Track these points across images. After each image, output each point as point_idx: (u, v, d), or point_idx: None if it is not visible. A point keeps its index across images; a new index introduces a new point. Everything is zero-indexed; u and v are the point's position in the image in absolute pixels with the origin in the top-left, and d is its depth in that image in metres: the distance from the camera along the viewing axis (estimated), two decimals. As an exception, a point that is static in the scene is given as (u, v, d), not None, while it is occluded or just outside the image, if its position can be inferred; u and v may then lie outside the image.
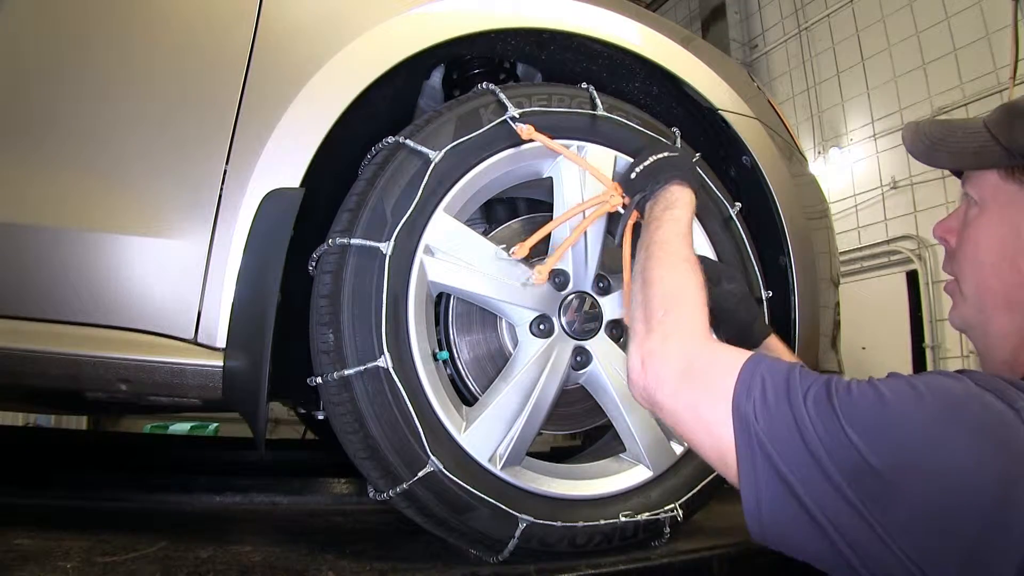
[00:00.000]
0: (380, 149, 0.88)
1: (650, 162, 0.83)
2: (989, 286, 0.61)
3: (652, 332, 0.62)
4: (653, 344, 0.61)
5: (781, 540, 0.50)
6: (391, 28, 0.87)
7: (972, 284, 0.63)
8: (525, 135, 0.89)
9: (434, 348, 0.88)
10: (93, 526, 0.93)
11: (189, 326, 0.76)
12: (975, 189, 0.63)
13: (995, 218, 0.61)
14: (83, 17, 0.81)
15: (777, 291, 1.11)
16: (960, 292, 0.65)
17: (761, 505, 0.49)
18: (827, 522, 0.46)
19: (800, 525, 0.47)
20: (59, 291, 0.75)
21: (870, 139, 4.62)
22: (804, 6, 5.19)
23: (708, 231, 1.06)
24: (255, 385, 0.76)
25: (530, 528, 0.83)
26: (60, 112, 0.78)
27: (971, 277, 0.63)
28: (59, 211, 0.76)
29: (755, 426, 0.50)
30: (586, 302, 0.95)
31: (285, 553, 0.84)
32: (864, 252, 4.49)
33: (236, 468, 1.62)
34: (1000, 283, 0.60)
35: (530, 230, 1.04)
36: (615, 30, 1.03)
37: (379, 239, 0.81)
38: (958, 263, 0.65)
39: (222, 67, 0.82)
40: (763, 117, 1.17)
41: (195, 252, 0.77)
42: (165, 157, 0.79)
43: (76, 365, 0.74)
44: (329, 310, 0.79)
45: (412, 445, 0.79)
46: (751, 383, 0.52)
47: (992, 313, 0.61)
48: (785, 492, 0.48)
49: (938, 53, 4.18)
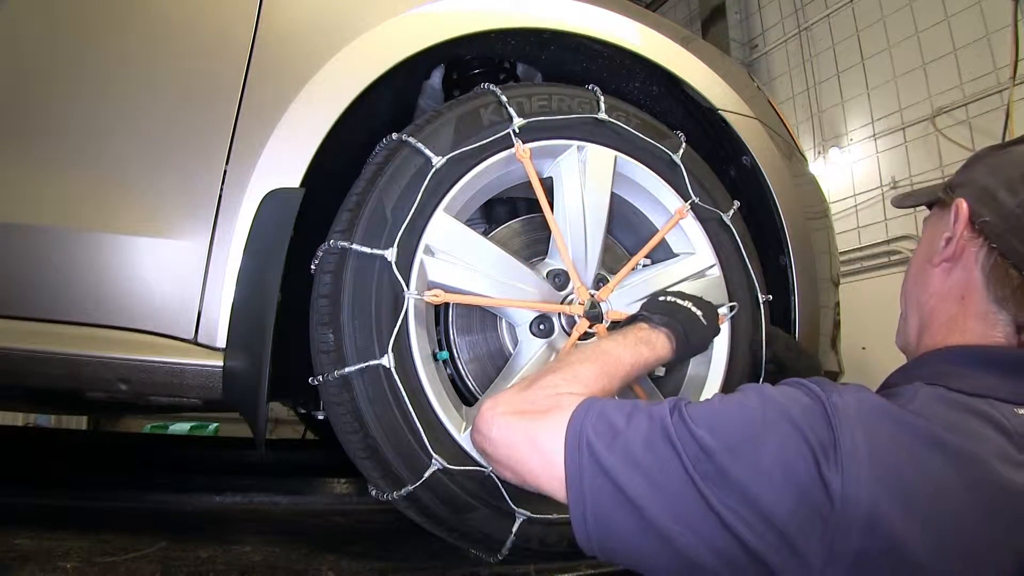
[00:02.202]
0: (381, 148, 0.88)
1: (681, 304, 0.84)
2: (909, 292, 0.73)
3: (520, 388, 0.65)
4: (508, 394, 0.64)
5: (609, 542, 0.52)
6: (391, 28, 0.87)
7: (902, 296, 0.75)
8: (519, 157, 0.91)
9: (434, 348, 0.88)
10: (93, 526, 0.93)
11: (189, 326, 0.76)
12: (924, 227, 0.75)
13: (924, 238, 0.73)
14: (83, 17, 0.81)
15: (777, 291, 1.11)
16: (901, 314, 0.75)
17: (586, 510, 0.52)
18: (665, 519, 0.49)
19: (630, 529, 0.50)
20: (59, 291, 0.75)
21: (870, 139, 4.61)
22: (804, 6, 5.19)
23: (708, 231, 1.06)
24: (255, 385, 0.76)
25: (529, 527, 0.83)
26: (60, 112, 0.78)
27: (902, 290, 0.75)
28: (59, 211, 0.76)
29: (588, 436, 0.53)
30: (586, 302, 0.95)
31: (285, 553, 0.84)
32: (864, 252, 4.49)
33: (236, 468, 1.62)
34: (915, 288, 0.71)
35: (530, 230, 1.05)
36: (615, 30, 1.03)
37: (379, 241, 0.81)
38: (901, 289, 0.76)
39: (222, 67, 0.82)
40: (763, 117, 1.17)
41: (195, 252, 0.77)
42: (165, 157, 0.79)
43: (76, 365, 0.74)
44: (329, 310, 0.79)
45: (412, 445, 0.79)
46: (590, 406, 0.56)
47: (909, 318, 0.72)
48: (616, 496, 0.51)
49: (938, 53, 4.18)
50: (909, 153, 4.33)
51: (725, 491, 0.48)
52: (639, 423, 0.53)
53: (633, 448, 0.52)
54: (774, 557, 0.46)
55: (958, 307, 0.65)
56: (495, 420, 0.61)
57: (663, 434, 0.51)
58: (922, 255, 0.72)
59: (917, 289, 0.71)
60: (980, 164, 0.69)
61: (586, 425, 0.54)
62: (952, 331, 0.65)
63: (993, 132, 3.75)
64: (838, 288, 1.32)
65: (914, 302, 0.71)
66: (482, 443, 0.63)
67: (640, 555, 0.51)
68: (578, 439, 0.54)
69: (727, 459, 0.49)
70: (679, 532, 0.48)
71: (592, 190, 0.97)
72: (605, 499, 0.51)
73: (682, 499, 0.49)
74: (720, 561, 0.47)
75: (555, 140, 0.96)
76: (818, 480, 0.46)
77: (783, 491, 0.47)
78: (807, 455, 0.47)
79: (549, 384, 0.64)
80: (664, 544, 0.49)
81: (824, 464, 0.47)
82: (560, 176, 0.97)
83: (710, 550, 0.48)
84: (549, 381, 0.65)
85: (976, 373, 0.58)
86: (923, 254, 0.72)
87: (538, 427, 0.58)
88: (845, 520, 0.45)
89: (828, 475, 0.46)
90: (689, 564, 0.48)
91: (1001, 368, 0.58)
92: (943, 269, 0.67)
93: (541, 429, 0.57)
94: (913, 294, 0.72)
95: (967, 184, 0.68)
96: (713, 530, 0.47)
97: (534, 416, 0.59)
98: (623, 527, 0.51)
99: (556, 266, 0.97)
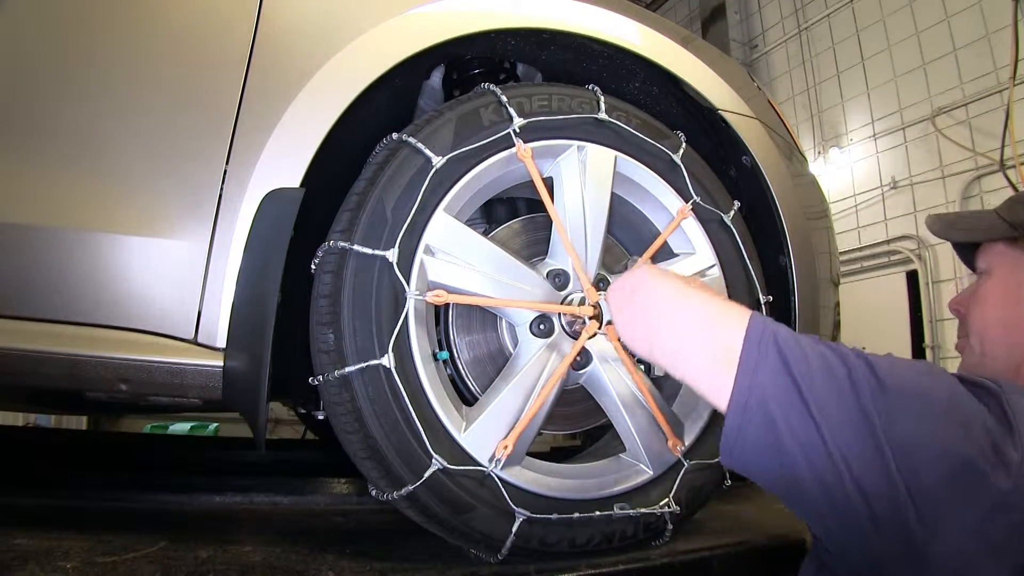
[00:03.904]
0: (382, 148, 0.88)
1: None
2: (992, 335, 0.73)
3: None
4: None
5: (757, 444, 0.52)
6: (391, 28, 0.87)
7: (978, 336, 0.75)
8: (521, 157, 0.91)
9: (434, 348, 0.88)
10: (93, 526, 0.93)
11: (189, 326, 0.76)
12: (985, 260, 0.76)
13: (1000, 279, 0.74)
14: (83, 17, 0.81)
15: (777, 291, 1.11)
16: (969, 347, 0.77)
17: (750, 401, 0.52)
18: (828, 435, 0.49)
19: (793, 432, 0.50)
20: (59, 291, 0.75)
21: (870, 139, 4.62)
22: (804, 6, 5.19)
23: (708, 231, 1.06)
24: (255, 385, 0.76)
25: (529, 527, 0.83)
26: (60, 112, 0.78)
27: (978, 331, 0.75)
28: (59, 211, 0.76)
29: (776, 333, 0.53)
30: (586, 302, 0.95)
31: (285, 553, 0.84)
32: (864, 252, 4.49)
33: (236, 468, 1.62)
34: (1004, 331, 0.72)
35: (530, 230, 1.05)
36: (615, 30, 1.03)
37: (380, 241, 0.81)
38: (969, 324, 0.77)
39: (222, 67, 0.82)
40: (763, 117, 1.17)
41: (195, 252, 0.77)
42: (165, 157, 0.79)
43: (76, 365, 0.74)
44: (329, 310, 0.79)
45: (412, 445, 0.79)
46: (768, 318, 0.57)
47: (995, 358, 0.73)
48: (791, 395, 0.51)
49: (938, 53, 4.18)
50: (909, 153, 4.33)
51: (893, 432, 0.48)
52: (819, 347, 0.54)
53: (812, 360, 0.52)
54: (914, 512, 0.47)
55: None
56: (662, 275, 0.61)
57: (843, 360, 0.52)
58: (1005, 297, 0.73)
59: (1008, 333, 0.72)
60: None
61: (769, 324, 0.54)
62: None
63: (993, 132, 3.76)
64: (838, 288, 1.32)
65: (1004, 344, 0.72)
66: (629, 292, 0.63)
67: (786, 462, 0.51)
68: (763, 331, 0.53)
69: (900, 403, 0.50)
70: (842, 452, 0.48)
71: (592, 190, 0.97)
72: (778, 395, 0.51)
73: (853, 425, 0.49)
74: (866, 495, 0.48)
75: (555, 140, 0.96)
76: (994, 456, 0.48)
77: (946, 454, 0.48)
78: (981, 432, 0.49)
79: None
80: (822, 459, 0.49)
81: (1003, 445, 0.48)
82: (560, 176, 0.97)
83: (866, 482, 0.48)
84: None
85: None
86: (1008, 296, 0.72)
87: (711, 301, 0.57)
88: (1016, 496, 0.47)
89: (1009, 453, 0.48)
90: (835, 485, 0.49)
91: None
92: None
93: (715, 303, 0.57)
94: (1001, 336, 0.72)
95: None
96: (873, 463, 0.48)
97: (708, 293, 0.59)
98: (784, 429, 0.50)
99: (556, 266, 0.97)
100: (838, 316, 1.31)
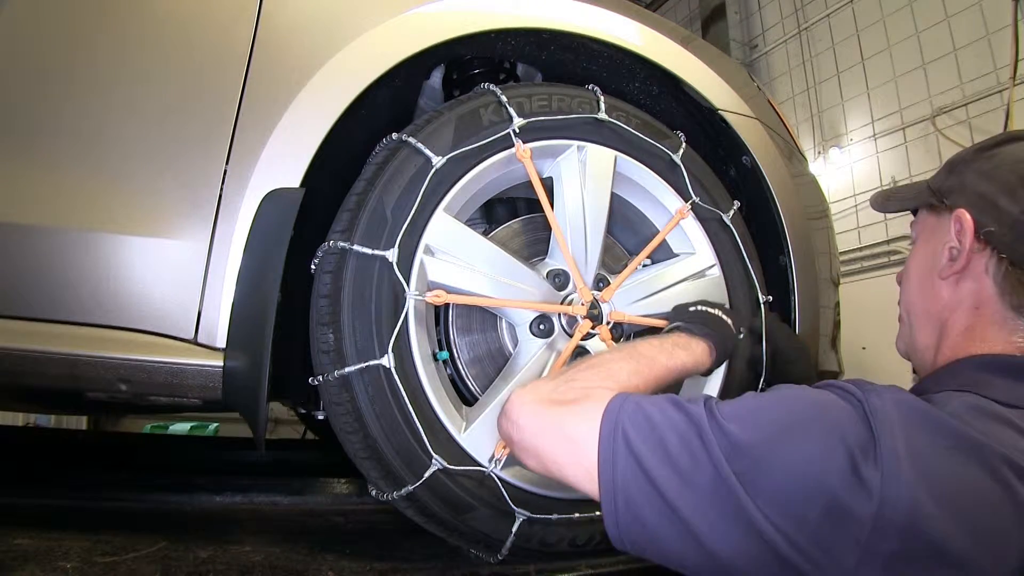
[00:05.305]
0: (382, 148, 0.88)
1: (713, 312, 0.85)
2: (914, 303, 0.72)
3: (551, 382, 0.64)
4: (540, 383, 0.64)
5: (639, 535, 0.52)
6: (391, 28, 0.87)
7: (905, 305, 0.75)
8: (520, 157, 0.91)
9: (434, 348, 0.88)
10: (93, 526, 0.93)
11: (189, 326, 0.76)
12: (914, 230, 0.75)
13: (920, 247, 0.73)
14: (83, 17, 0.81)
15: (777, 291, 1.11)
16: (901, 318, 0.76)
17: (617, 500, 0.51)
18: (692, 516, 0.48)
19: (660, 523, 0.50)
20: (59, 291, 0.75)
21: (870, 139, 4.61)
22: (804, 6, 5.19)
23: (708, 231, 1.06)
24: (255, 385, 0.76)
25: (529, 527, 0.83)
26: (60, 112, 0.78)
27: (904, 300, 0.75)
28: (59, 211, 0.76)
29: (624, 426, 0.53)
30: (586, 302, 0.95)
31: (285, 553, 0.84)
32: (864, 252, 4.48)
33: (236, 468, 1.62)
34: (921, 299, 0.71)
35: (530, 230, 1.05)
36: (615, 30, 1.03)
37: (379, 242, 0.81)
38: (901, 293, 0.76)
39: (222, 67, 0.82)
40: (763, 117, 1.17)
41: (195, 252, 0.77)
42: (165, 157, 0.79)
43: (76, 365, 0.73)
44: (329, 310, 0.79)
45: (412, 445, 0.79)
46: (625, 398, 0.56)
47: (917, 328, 0.71)
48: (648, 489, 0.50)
49: (938, 53, 4.18)
50: (909, 153, 4.33)
51: (755, 490, 0.47)
52: (674, 418, 0.53)
53: (668, 443, 0.51)
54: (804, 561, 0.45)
55: (974, 317, 0.64)
56: (524, 407, 0.61)
57: (697, 431, 0.51)
58: (923, 265, 0.71)
59: (924, 301, 0.70)
60: (969, 169, 0.67)
61: (623, 415, 0.54)
62: (972, 340, 0.64)
63: (993, 132, 3.73)
64: (838, 288, 1.32)
65: (922, 313, 0.70)
66: (509, 429, 0.62)
67: (669, 550, 0.50)
68: (613, 428, 0.53)
69: (758, 455, 0.48)
70: (709, 533, 0.48)
71: (592, 190, 0.97)
72: (637, 491, 0.51)
73: (713, 498, 0.48)
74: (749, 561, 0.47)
75: (555, 140, 0.96)
76: (854, 480, 0.45)
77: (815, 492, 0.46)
78: (842, 455, 0.46)
79: (582, 379, 0.63)
80: (693, 541, 0.48)
81: (863, 464, 0.46)
82: (560, 176, 0.97)
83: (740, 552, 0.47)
84: (582, 376, 0.64)
85: (1008, 383, 0.57)
86: (923, 264, 0.71)
87: (570, 415, 0.57)
88: (884, 520, 0.44)
89: (867, 474, 0.45)
90: (718, 563, 0.48)
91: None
92: (951, 281, 0.66)
93: (573, 417, 0.57)
94: (919, 305, 0.71)
95: (960, 191, 0.67)
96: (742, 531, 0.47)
97: (566, 404, 0.59)
98: (653, 521, 0.50)
99: (556, 266, 0.97)
100: (838, 316, 1.31)
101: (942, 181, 0.70)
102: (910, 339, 0.73)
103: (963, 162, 0.69)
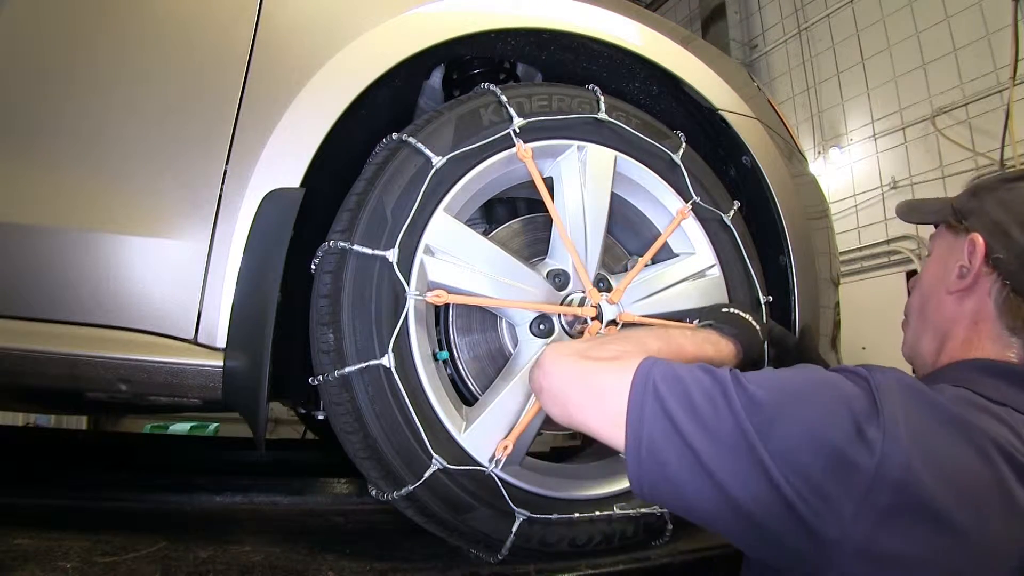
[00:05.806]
0: (382, 148, 0.88)
1: (744, 317, 0.87)
2: (921, 311, 0.77)
3: None
4: (576, 343, 0.69)
5: (660, 483, 0.56)
6: (391, 28, 0.87)
7: (913, 313, 0.80)
8: (521, 157, 0.91)
9: (434, 348, 0.88)
10: (93, 526, 0.93)
11: (189, 326, 0.76)
12: (932, 243, 0.80)
13: (935, 260, 0.77)
14: (83, 17, 0.81)
15: (777, 291, 1.11)
16: (907, 324, 0.81)
17: (642, 448, 0.56)
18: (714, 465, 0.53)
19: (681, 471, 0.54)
20: (59, 291, 0.75)
21: (870, 139, 4.61)
22: (804, 6, 5.19)
23: (709, 231, 1.06)
24: (255, 385, 0.76)
25: (529, 527, 0.83)
26: (60, 112, 0.78)
27: (914, 308, 0.80)
28: (59, 211, 0.76)
29: (656, 380, 0.57)
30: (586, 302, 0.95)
31: (285, 553, 0.84)
32: (864, 252, 4.49)
33: (236, 468, 1.62)
34: (929, 308, 0.76)
35: (530, 230, 1.05)
36: (615, 30, 1.03)
37: (379, 242, 0.81)
38: (909, 299, 0.81)
39: (222, 67, 0.82)
40: (763, 117, 1.17)
41: (195, 252, 0.77)
42: (165, 157, 0.79)
43: (76, 365, 0.73)
44: (329, 310, 0.79)
45: (412, 445, 0.79)
46: (656, 360, 0.61)
47: (921, 334, 0.77)
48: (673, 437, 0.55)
49: (938, 53, 4.18)
50: (909, 153, 4.33)
51: (769, 442, 0.51)
52: (702, 378, 0.57)
53: (693, 396, 0.55)
54: (807, 509, 0.49)
55: (972, 331, 0.70)
56: (560, 358, 0.66)
57: (722, 389, 0.55)
58: (934, 277, 0.76)
59: (931, 311, 0.75)
60: (991, 196, 0.71)
61: (655, 371, 0.58)
62: (969, 349, 0.69)
63: (993, 132, 3.76)
64: (838, 288, 1.32)
65: (927, 322, 0.76)
66: (540, 377, 0.67)
67: (687, 494, 0.54)
68: (644, 381, 0.58)
69: (774, 412, 0.53)
70: (725, 478, 0.52)
71: (592, 190, 0.97)
72: (662, 438, 0.55)
73: (732, 448, 0.52)
74: (760, 508, 0.51)
75: (555, 140, 0.96)
76: (858, 439, 0.50)
77: (821, 446, 0.50)
78: (848, 419, 0.51)
79: (616, 343, 0.68)
80: (711, 488, 0.52)
81: (866, 426, 0.51)
82: (560, 176, 0.97)
83: (752, 497, 0.51)
84: (616, 341, 0.69)
85: (998, 383, 0.62)
86: (935, 276, 0.76)
87: (602, 370, 0.62)
88: (882, 474, 0.49)
89: (871, 434, 0.50)
90: (732, 508, 0.52)
91: (1020, 382, 0.63)
92: (957, 296, 0.71)
93: (605, 372, 0.61)
94: (925, 314, 0.76)
95: (978, 215, 0.71)
96: (756, 479, 0.51)
97: (600, 361, 0.63)
98: (675, 465, 0.54)
99: (556, 266, 0.97)
100: (838, 316, 1.31)
101: (964, 203, 0.74)
102: (914, 344, 0.79)
103: (986, 188, 0.74)
